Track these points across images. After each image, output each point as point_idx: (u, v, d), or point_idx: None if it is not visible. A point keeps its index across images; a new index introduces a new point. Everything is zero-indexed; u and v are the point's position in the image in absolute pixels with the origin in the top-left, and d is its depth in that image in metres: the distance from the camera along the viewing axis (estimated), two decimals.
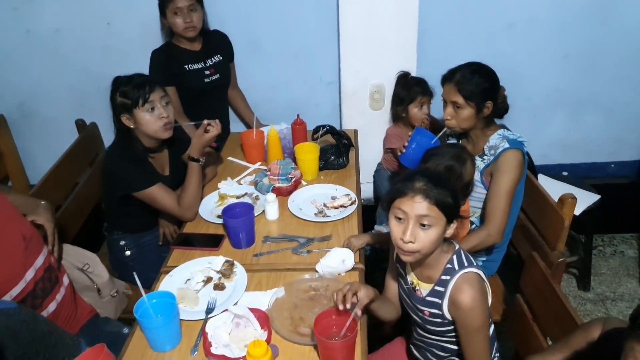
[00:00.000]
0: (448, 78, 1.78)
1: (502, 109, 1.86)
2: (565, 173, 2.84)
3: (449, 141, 1.99)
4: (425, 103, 2.31)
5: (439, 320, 1.33)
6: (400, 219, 1.22)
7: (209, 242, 1.69)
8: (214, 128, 1.79)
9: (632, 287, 2.68)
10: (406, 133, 2.38)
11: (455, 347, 1.38)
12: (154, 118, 1.74)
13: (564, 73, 2.63)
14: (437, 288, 1.31)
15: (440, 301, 1.30)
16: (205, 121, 1.79)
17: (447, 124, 1.81)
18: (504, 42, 2.54)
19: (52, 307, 1.45)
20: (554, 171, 2.84)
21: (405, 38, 2.38)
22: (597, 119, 2.77)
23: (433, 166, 1.65)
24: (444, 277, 1.29)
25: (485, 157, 1.79)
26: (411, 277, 1.38)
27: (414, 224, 1.20)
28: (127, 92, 1.72)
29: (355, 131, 2.47)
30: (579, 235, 2.67)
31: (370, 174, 2.69)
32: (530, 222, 1.88)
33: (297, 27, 2.51)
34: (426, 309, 1.34)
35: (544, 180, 2.57)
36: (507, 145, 1.74)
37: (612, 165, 2.93)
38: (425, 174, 1.23)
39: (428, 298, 1.33)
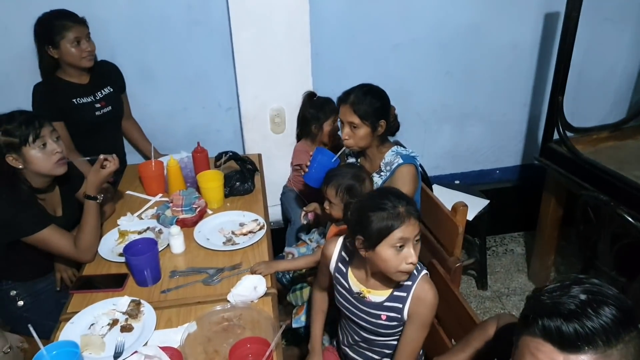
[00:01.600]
0: (343, 99, 1.87)
1: (393, 127, 1.98)
2: (457, 181, 3.07)
3: (348, 160, 2.08)
4: (336, 120, 2.40)
5: (395, 323, 1.42)
6: (401, 246, 1.28)
7: (112, 283, 1.60)
8: (112, 163, 1.71)
9: (522, 282, 2.95)
10: (312, 149, 2.46)
11: (395, 343, 1.48)
12: (46, 155, 1.63)
13: (448, 89, 2.86)
14: (397, 293, 1.40)
15: (401, 305, 1.39)
16: (102, 156, 1.71)
17: (346, 143, 1.89)
18: (391, 62, 2.70)
19: None
20: (447, 180, 3.07)
21: (300, 61, 2.45)
22: (480, 130, 3.03)
23: (335, 187, 1.72)
24: (403, 283, 1.39)
25: (382, 173, 1.89)
26: (357, 287, 1.46)
27: (413, 244, 1.30)
28: (11, 130, 1.59)
29: (259, 155, 2.49)
30: (473, 238, 2.89)
31: (276, 197, 2.71)
32: (428, 230, 2.00)
33: (191, 54, 2.48)
34: (383, 313, 1.42)
35: (438, 190, 2.76)
36: (400, 160, 1.87)
37: (497, 172, 3.21)
38: (393, 193, 1.32)
39: (387, 303, 1.41)
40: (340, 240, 1.53)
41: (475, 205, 2.66)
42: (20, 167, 1.63)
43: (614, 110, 3.07)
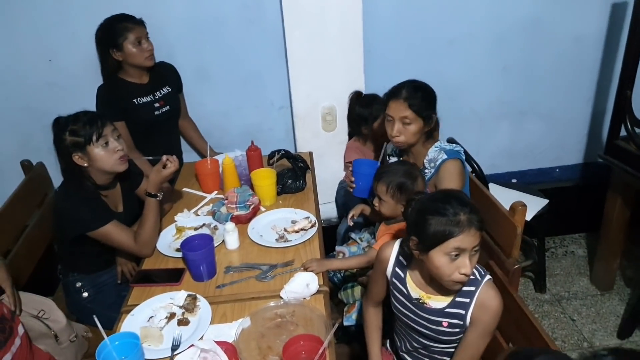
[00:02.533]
0: (395, 95, 1.83)
1: (436, 126, 1.93)
2: (514, 180, 2.97)
3: (390, 160, 2.05)
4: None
5: (457, 329, 1.37)
6: (456, 255, 1.24)
7: (170, 277, 1.66)
8: (172, 164, 1.76)
9: (584, 285, 2.81)
10: (363, 148, 2.45)
11: (453, 350, 1.43)
12: (109, 153, 1.71)
13: (505, 84, 2.77)
14: (459, 299, 1.35)
15: (464, 312, 1.34)
16: (164, 157, 1.76)
17: (396, 140, 1.86)
18: (446, 58, 2.64)
19: (7, 359, 1.37)
20: (504, 179, 2.97)
21: (352, 59, 2.44)
22: (539, 127, 2.91)
23: (386, 184, 1.69)
24: (466, 289, 1.34)
25: (426, 170, 1.85)
26: (416, 293, 1.41)
27: (469, 254, 1.25)
28: (77, 130, 1.68)
29: (310, 153, 2.50)
30: (531, 240, 2.77)
31: (328, 194, 2.71)
32: (484, 231, 1.94)
33: (245, 53, 2.53)
34: (445, 320, 1.37)
35: (494, 189, 2.67)
36: (445, 156, 1.82)
37: (557, 170, 3.08)
38: (457, 198, 1.26)
39: (449, 309, 1.36)
40: (397, 243, 1.48)
41: (534, 205, 2.55)
42: (86, 165, 1.72)
43: None
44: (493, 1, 2.55)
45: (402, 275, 1.44)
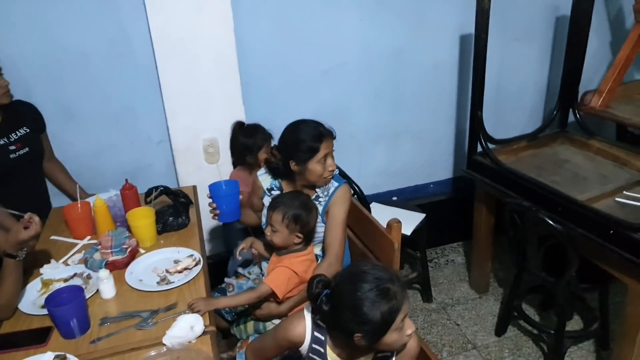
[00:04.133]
0: (329, 134, 1.81)
1: None
2: (394, 198, 3.14)
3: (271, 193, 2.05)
4: (269, 146, 2.38)
5: None
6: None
7: (34, 339, 1.48)
8: (34, 227, 1.52)
9: (465, 290, 3.02)
10: (250, 177, 2.43)
11: None
12: None
13: (378, 110, 2.93)
14: (380, 355, 1.36)
15: None
16: (27, 215, 1.53)
17: (333, 173, 1.85)
18: (322, 87, 2.74)
19: None
20: (385, 197, 3.12)
21: (230, 90, 2.43)
22: (412, 146, 3.12)
23: (281, 214, 1.69)
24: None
25: (320, 199, 1.89)
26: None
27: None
28: None
29: (194, 187, 2.43)
30: (415, 252, 2.94)
31: (217, 229, 2.65)
32: (367, 248, 2.02)
33: (115, 89, 2.41)
34: None
35: (377, 208, 2.80)
36: (336, 183, 1.89)
37: (431, 185, 3.31)
38: (391, 277, 1.25)
39: None
40: (308, 318, 1.39)
41: (413, 220, 2.72)
42: None
43: (531, 120, 3.27)
44: (361, 34, 2.70)
45: (322, 350, 1.37)
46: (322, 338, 1.37)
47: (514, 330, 2.68)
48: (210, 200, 1.88)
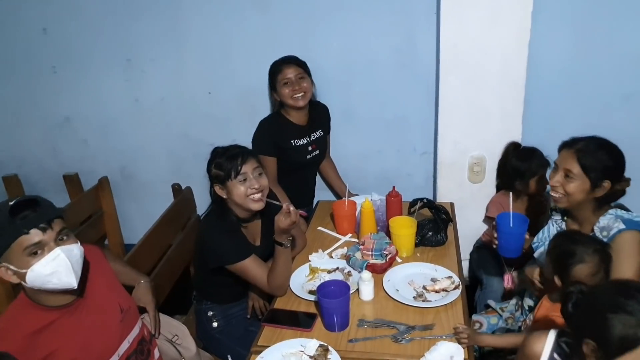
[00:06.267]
0: (569, 144, 1.63)
1: (617, 195, 1.65)
2: None
3: (552, 216, 1.80)
4: (544, 175, 2.14)
5: None
6: None
7: (301, 322, 1.59)
8: (291, 216, 1.63)
9: None
10: (515, 204, 2.22)
11: None
12: (244, 188, 1.71)
13: None
14: None
15: None
16: (285, 205, 1.65)
17: (553, 191, 1.65)
18: (620, 113, 2.33)
19: None
20: None
21: (510, 108, 2.26)
22: None
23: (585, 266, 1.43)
24: None
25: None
26: None
27: None
28: (221, 164, 1.71)
29: (452, 204, 2.33)
30: None
31: (465, 251, 2.49)
32: None
33: (393, 97, 2.48)
34: None
35: None
36: (622, 226, 1.55)
37: None
38: None
39: None
40: (551, 337, 1.23)
41: None
42: (224, 197, 1.74)
43: None
44: None
45: None
46: None
47: None
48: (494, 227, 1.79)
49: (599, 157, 1.57)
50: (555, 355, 1.21)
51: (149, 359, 1.43)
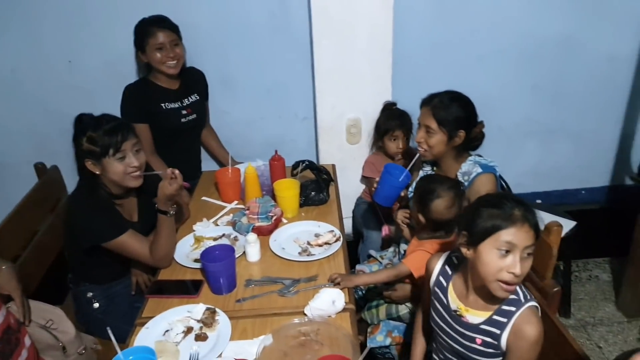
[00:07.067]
0: (426, 102, 1.81)
1: (474, 142, 1.86)
2: (539, 201, 2.88)
3: (423, 167, 1.98)
4: (400, 137, 2.30)
5: (490, 350, 1.28)
6: (506, 251, 1.17)
7: (187, 289, 1.57)
8: (176, 180, 1.60)
9: (609, 311, 2.69)
10: (382, 162, 2.37)
11: None
12: (123, 167, 1.62)
13: (533, 103, 2.69)
14: (496, 317, 1.26)
15: (499, 331, 1.26)
16: (169, 170, 1.61)
17: (419, 146, 1.83)
18: (475, 73, 2.57)
19: None
20: (528, 199, 2.86)
21: (380, 71, 2.38)
22: (567, 147, 2.82)
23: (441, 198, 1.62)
24: (506, 308, 1.25)
25: None
26: (455, 304, 1.34)
27: (520, 255, 1.17)
28: (95, 138, 1.58)
29: (333, 166, 2.43)
30: (557, 262, 2.67)
31: (347, 209, 2.62)
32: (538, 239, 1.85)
33: (271, 62, 2.48)
34: (479, 337, 1.29)
35: None
36: (479, 169, 1.76)
37: (583, 192, 2.98)
38: (514, 198, 1.21)
39: (483, 326, 1.28)
40: (445, 254, 1.43)
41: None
42: (97, 173, 1.64)
43: None
44: (524, 18, 2.49)
45: (445, 284, 1.38)
46: (450, 273, 1.39)
47: None
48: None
49: (451, 111, 1.76)
50: (446, 267, 1.40)
51: (18, 347, 1.32)
